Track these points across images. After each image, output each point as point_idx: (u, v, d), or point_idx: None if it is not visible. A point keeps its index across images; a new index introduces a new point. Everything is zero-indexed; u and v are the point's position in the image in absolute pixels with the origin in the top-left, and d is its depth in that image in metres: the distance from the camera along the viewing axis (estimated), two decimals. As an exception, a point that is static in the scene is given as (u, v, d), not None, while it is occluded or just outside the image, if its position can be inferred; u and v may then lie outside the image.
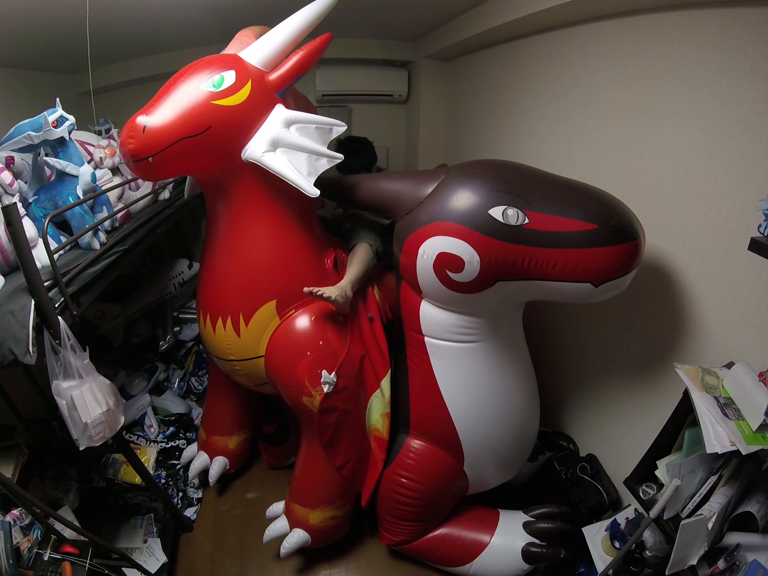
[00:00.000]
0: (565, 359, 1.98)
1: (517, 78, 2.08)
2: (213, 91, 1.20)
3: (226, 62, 1.27)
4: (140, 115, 1.15)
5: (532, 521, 1.60)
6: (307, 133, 1.32)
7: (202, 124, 1.19)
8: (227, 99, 1.22)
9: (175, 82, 1.22)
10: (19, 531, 1.19)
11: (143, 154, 1.15)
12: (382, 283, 1.73)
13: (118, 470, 1.80)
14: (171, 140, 1.16)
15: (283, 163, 1.26)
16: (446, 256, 1.24)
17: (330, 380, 1.44)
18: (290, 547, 1.62)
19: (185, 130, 1.18)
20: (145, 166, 1.17)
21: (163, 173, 1.34)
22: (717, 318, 1.23)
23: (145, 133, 1.13)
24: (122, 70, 2.63)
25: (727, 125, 1.14)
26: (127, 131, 1.15)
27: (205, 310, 1.54)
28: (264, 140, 1.26)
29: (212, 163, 1.30)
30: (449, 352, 1.44)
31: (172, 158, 1.19)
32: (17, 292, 1.11)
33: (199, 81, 1.21)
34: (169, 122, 1.16)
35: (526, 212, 1.19)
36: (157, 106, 1.17)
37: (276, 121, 1.28)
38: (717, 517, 1.04)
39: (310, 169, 1.30)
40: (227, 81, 1.22)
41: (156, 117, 1.15)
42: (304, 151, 1.30)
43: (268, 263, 1.45)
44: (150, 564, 1.61)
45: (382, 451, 1.60)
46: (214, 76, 1.22)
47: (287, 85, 1.34)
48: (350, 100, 3.08)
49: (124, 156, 1.18)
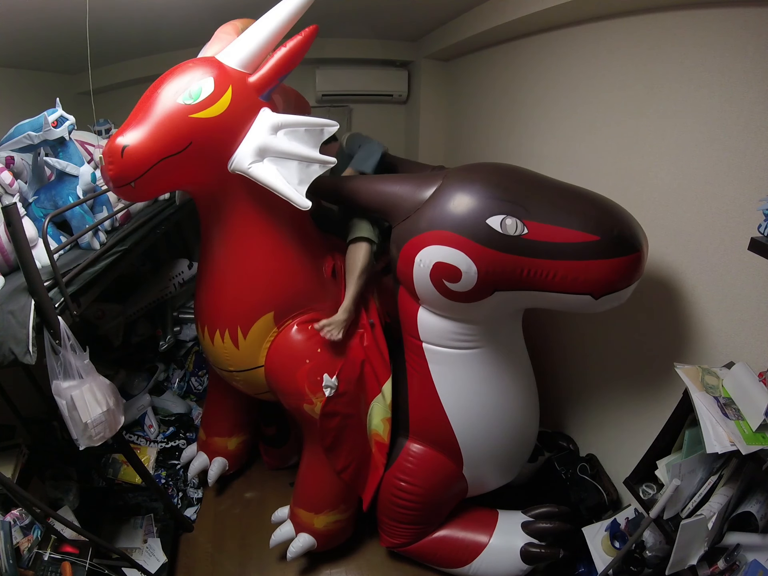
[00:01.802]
0: (566, 360, 1.98)
1: (517, 78, 2.08)
2: (191, 104, 1.12)
3: (203, 69, 1.18)
4: (118, 136, 1.08)
5: (531, 521, 1.60)
6: (296, 137, 1.22)
7: (182, 140, 1.12)
8: (207, 110, 1.13)
9: (151, 95, 1.14)
10: (19, 531, 1.19)
11: (124, 179, 1.08)
12: (380, 287, 1.72)
13: (118, 470, 1.80)
14: (152, 162, 1.09)
15: (271, 174, 1.19)
16: (443, 266, 1.22)
17: (332, 384, 1.44)
18: (296, 551, 1.62)
19: (165, 150, 1.10)
20: (129, 191, 1.12)
21: (149, 194, 1.30)
22: (717, 318, 1.23)
23: (123, 157, 1.06)
24: (122, 70, 2.63)
25: (727, 125, 1.14)
26: (106, 156, 1.08)
27: (203, 322, 1.52)
28: (250, 149, 1.18)
29: (199, 177, 1.24)
30: (447, 359, 1.44)
31: (155, 179, 1.13)
32: (17, 292, 1.11)
33: (175, 93, 1.13)
34: (148, 142, 1.08)
35: (525, 222, 1.17)
36: (134, 126, 1.09)
37: (261, 128, 1.20)
38: (717, 517, 1.04)
39: (301, 177, 1.22)
40: (205, 91, 1.14)
41: (133, 137, 1.07)
42: (294, 158, 1.22)
43: (264, 275, 1.41)
44: (150, 564, 1.61)
45: (383, 455, 1.60)
46: (192, 86, 1.14)
47: (271, 86, 1.25)
48: (350, 100, 3.08)
49: (106, 182, 1.12)
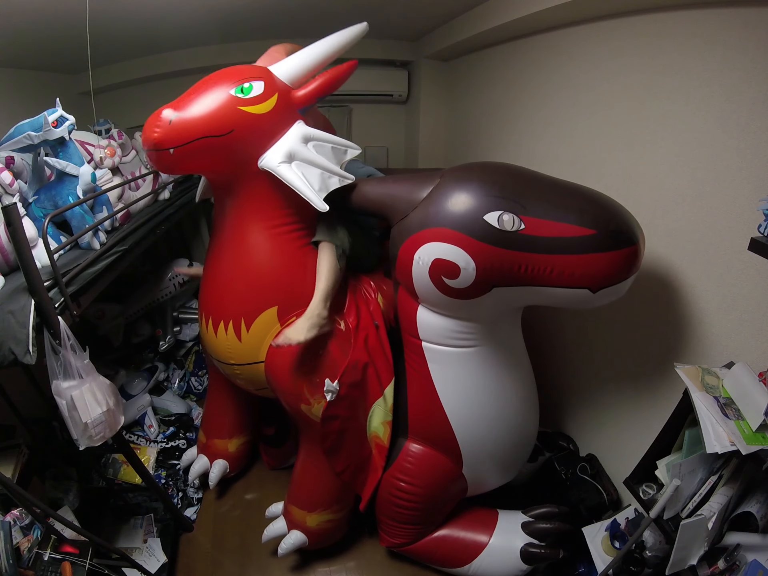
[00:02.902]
0: (565, 360, 1.98)
1: (517, 78, 2.08)
2: (241, 97, 1.25)
3: (257, 73, 1.32)
4: (168, 108, 1.20)
5: (531, 521, 1.60)
6: (322, 151, 1.37)
7: (226, 126, 1.23)
8: (253, 107, 1.26)
9: (205, 83, 1.27)
10: (19, 531, 1.19)
11: (166, 144, 1.18)
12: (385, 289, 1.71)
13: (118, 470, 1.80)
14: (195, 136, 1.20)
15: (296, 176, 1.29)
16: (442, 263, 1.23)
17: (333, 389, 1.43)
18: (287, 548, 1.63)
19: (210, 129, 1.22)
20: (166, 156, 1.21)
21: (181, 167, 1.36)
22: (717, 318, 1.23)
23: (171, 125, 1.17)
24: (122, 70, 2.63)
25: (728, 125, 1.14)
26: (153, 121, 1.18)
27: (207, 313, 1.54)
28: (282, 151, 1.30)
29: (228, 165, 1.33)
30: (446, 357, 1.44)
31: (192, 154, 1.23)
32: (17, 292, 1.11)
33: (228, 86, 1.26)
34: (196, 118, 1.20)
35: (522, 217, 1.18)
36: (186, 102, 1.22)
37: (295, 136, 1.33)
38: (717, 517, 1.04)
39: (321, 185, 1.33)
40: (255, 90, 1.27)
41: (184, 111, 1.20)
42: (317, 168, 1.34)
43: (272, 270, 1.45)
44: (150, 564, 1.60)
45: (382, 457, 1.60)
46: (244, 83, 1.26)
47: (310, 103, 1.39)
48: (350, 100, 3.08)
49: (146, 144, 1.21)
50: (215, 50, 2.57)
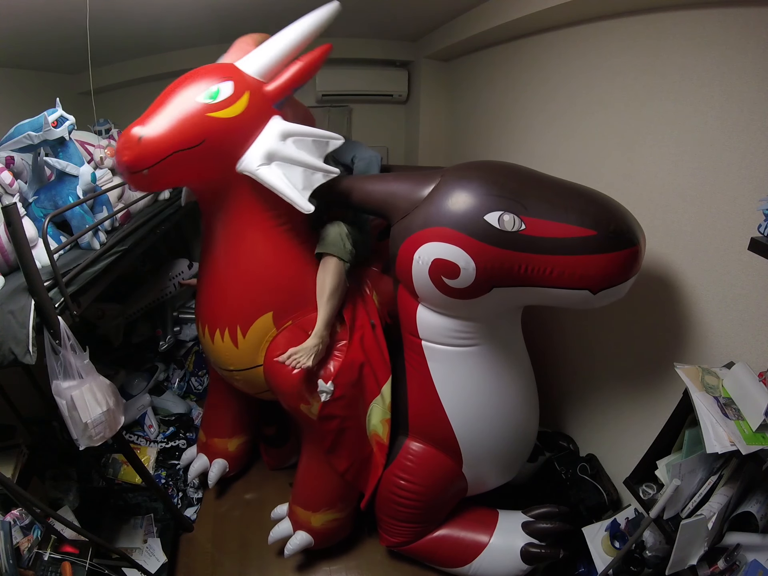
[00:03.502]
0: (566, 360, 1.98)
1: (517, 78, 2.08)
2: (209, 103, 1.19)
3: (224, 73, 1.25)
4: (135, 126, 1.14)
5: (531, 521, 1.60)
6: (303, 146, 1.30)
7: (197, 136, 1.18)
8: (223, 111, 1.20)
9: (171, 92, 1.21)
10: (19, 531, 1.19)
11: (138, 166, 1.13)
12: (380, 287, 1.71)
13: (118, 470, 1.80)
14: (166, 152, 1.14)
15: (277, 177, 1.25)
16: (441, 263, 1.23)
17: (327, 389, 1.43)
18: (293, 549, 1.63)
19: (181, 143, 1.16)
20: (141, 178, 1.16)
21: (159, 185, 1.33)
22: (717, 318, 1.23)
23: (140, 145, 1.12)
24: (122, 70, 2.63)
25: (727, 125, 1.14)
26: (122, 143, 1.13)
27: (203, 321, 1.53)
28: (259, 153, 1.25)
29: (208, 174, 1.29)
30: (446, 356, 1.43)
31: (167, 170, 1.18)
32: (17, 292, 1.11)
33: (195, 92, 1.19)
34: (165, 134, 1.14)
35: (523, 218, 1.17)
36: (153, 118, 1.16)
37: (272, 134, 1.27)
38: (717, 517, 1.04)
39: (305, 184, 1.28)
40: (224, 93, 1.21)
41: (151, 128, 1.14)
42: (299, 165, 1.28)
43: (264, 276, 1.43)
44: (150, 564, 1.60)
45: (383, 455, 1.60)
46: (211, 87, 1.20)
47: (285, 96, 1.32)
48: (350, 100, 3.07)
49: (120, 167, 1.17)
50: (215, 50, 2.55)
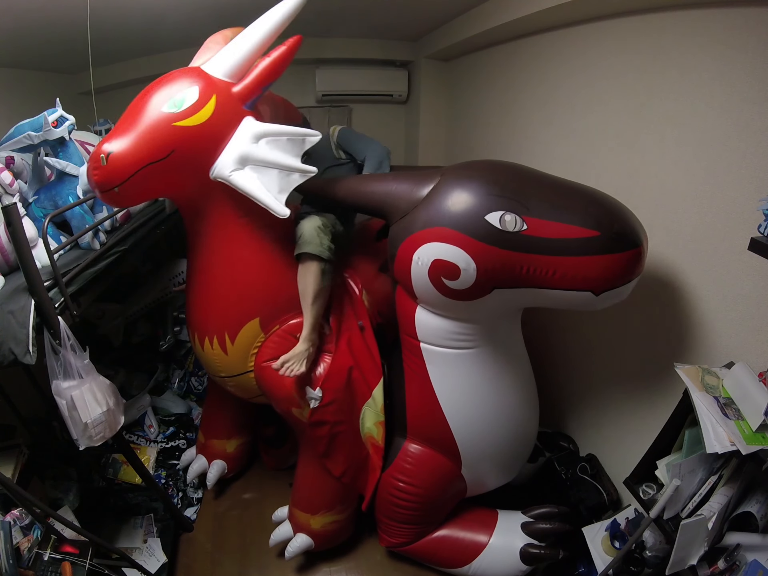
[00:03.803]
0: (566, 360, 1.98)
1: (517, 78, 2.08)
2: (174, 113, 1.16)
3: (189, 78, 1.21)
4: (104, 143, 1.12)
5: (531, 522, 1.59)
6: (278, 146, 1.24)
7: (165, 148, 1.15)
8: (190, 119, 1.17)
9: (137, 104, 1.18)
10: (19, 531, 1.19)
11: (108, 184, 1.11)
12: (371, 285, 1.68)
13: (118, 470, 1.80)
14: (134, 168, 1.12)
15: (251, 182, 1.21)
16: (441, 263, 1.21)
17: (315, 396, 1.43)
18: (294, 551, 1.63)
19: (148, 156, 1.13)
20: (113, 196, 1.14)
21: (133, 200, 1.31)
22: (717, 318, 1.23)
23: (107, 163, 1.09)
24: (122, 70, 2.63)
25: (727, 125, 1.14)
26: (91, 163, 1.12)
27: (192, 329, 1.53)
28: (232, 157, 1.21)
29: (182, 184, 1.26)
30: (445, 359, 1.43)
31: (138, 185, 1.15)
32: (17, 292, 1.11)
33: (160, 102, 1.17)
34: (131, 149, 1.12)
35: (525, 218, 1.15)
36: (119, 133, 1.13)
37: (243, 137, 1.23)
38: (717, 517, 1.04)
39: (281, 186, 1.24)
40: (189, 100, 1.17)
41: (117, 145, 1.11)
42: (274, 167, 1.24)
43: (248, 282, 1.42)
44: (150, 564, 1.60)
45: (379, 457, 1.59)
46: (175, 96, 1.17)
47: (255, 95, 1.28)
48: (350, 100, 3.08)
49: (91, 187, 1.15)
50: (215, 50, 2.57)
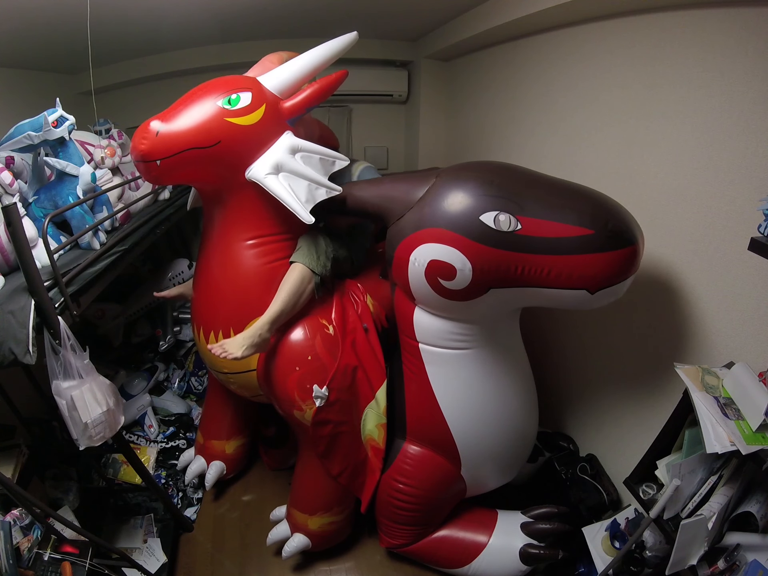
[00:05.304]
0: (565, 360, 1.98)
1: (518, 78, 2.08)
2: (228, 109, 1.26)
3: (245, 84, 1.33)
4: (155, 119, 1.21)
5: (530, 522, 1.59)
6: (310, 163, 1.36)
7: (213, 137, 1.24)
8: (240, 118, 1.27)
9: (193, 94, 1.28)
10: (19, 531, 1.19)
11: (153, 155, 1.19)
12: (377, 291, 1.70)
13: (118, 470, 1.80)
14: (181, 147, 1.21)
15: (283, 187, 1.30)
16: (437, 264, 1.22)
17: (321, 394, 1.43)
18: (291, 551, 1.63)
19: (196, 141, 1.23)
20: (153, 168, 1.22)
21: (169, 178, 1.37)
22: (717, 318, 1.23)
23: (158, 137, 1.19)
24: (122, 70, 2.63)
25: (727, 125, 1.14)
26: (140, 132, 1.20)
27: (198, 322, 1.55)
28: (269, 163, 1.30)
29: (216, 175, 1.34)
30: (444, 359, 1.43)
31: (179, 165, 1.24)
32: (17, 292, 1.11)
33: (215, 97, 1.27)
34: (182, 130, 1.22)
35: (519, 217, 1.16)
36: (174, 114, 1.23)
37: (282, 147, 1.34)
38: (717, 517, 1.04)
39: (308, 197, 1.33)
40: (243, 101, 1.28)
41: (171, 124, 1.21)
42: (305, 179, 1.34)
43: (259, 280, 1.45)
44: (150, 564, 1.61)
45: (379, 460, 1.59)
46: (231, 94, 1.27)
47: (298, 114, 1.40)
48: (350, 100, 3.07)
49: (135, 156, 1.22)
50: (215, 50, 2.57)
